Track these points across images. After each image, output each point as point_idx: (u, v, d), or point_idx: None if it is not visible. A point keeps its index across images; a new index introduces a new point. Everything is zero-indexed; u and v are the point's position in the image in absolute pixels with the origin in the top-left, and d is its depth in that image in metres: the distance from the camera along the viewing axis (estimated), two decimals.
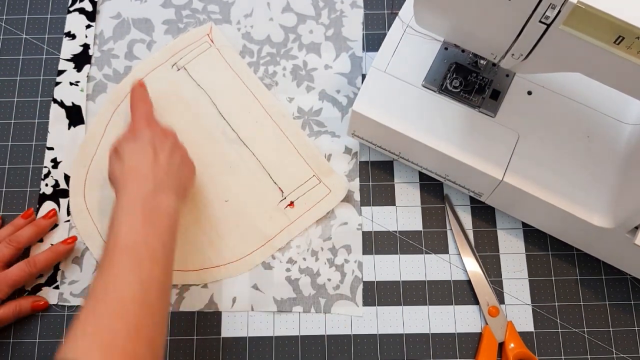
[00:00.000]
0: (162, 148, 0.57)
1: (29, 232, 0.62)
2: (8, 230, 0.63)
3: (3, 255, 0.60)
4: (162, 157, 0.56)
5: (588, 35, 0.42)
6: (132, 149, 0.56)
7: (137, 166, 0.54)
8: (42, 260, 0.61)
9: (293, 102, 0.69)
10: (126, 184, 0.53)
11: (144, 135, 0.57)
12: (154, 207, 0.52)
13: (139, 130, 0.58)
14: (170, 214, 0.53)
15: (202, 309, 0.62)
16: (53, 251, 0.62)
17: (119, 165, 0.55)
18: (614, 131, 0.59)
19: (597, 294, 0.63)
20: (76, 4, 0.72)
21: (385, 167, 0.67)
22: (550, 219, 0.60)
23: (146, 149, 0.56)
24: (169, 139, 0.58)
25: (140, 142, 0.56)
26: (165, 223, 0.52)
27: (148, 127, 0.58)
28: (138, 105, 0.62)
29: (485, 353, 0.60)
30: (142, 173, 0.54)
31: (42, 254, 0.61)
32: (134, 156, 0.55)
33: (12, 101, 0.69)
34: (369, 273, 0.64)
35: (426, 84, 0.61)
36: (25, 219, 0.64)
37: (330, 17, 0.72)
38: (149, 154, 0.55)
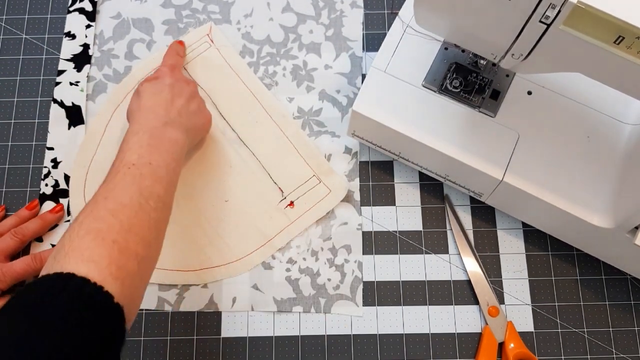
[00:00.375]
0: (180, 94, 0.60)
1: (35, 225, 0.62)
2: (12, 221, 0.63)
3: (8, 246, 0.60)
4: (178, 101, 0.59)
5: (588, 35, 0.42)
6: (152, 89, 0.59)
7: (153, 105, 0.58)
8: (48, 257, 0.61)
9: (293, 102, 0.69)
10: (139, 117, 0.56)
11: (165, 80, 0.60)
12: (161, 136, 0.55)
13: (162, 75, 0.61)
14: (177, 144, 0.56)
15: (202, 309, 0.62)
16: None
17: (136, 102, 0.59)
18: (614, 131, 0.59)
19: (597, 294, 0.63)
20: (76, 4, 0.72)
21: (385, 167, 0.67)
22: (550, 219, 0.60)
23: (164, 91, 0.59)
24: (189, 87, 0.62)
25: (160, 85, 0.60)
26: (171, 150, 0.55)
27: (170, 74, 0.62)
28: (171, 55, 0.67)
29: (485, 353, 0.60)
30: (155, 110, 0.57)
31: (49, 251, 0.61)
32: (152, 96, 0.58)
33: (12, 101, 0.69)
34: (369, 273, 0.64)
35: (426, 84, 0.61)
36: (30, 211, 0.64)
37: (330, 17, 0.72)
38: (167, 95, 0.59)
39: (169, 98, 0.59)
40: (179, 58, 0.67)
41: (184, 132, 0.58)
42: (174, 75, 0.62)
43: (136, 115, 0.57)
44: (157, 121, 0.56)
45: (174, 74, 0.62)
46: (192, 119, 0.60)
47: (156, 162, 0.52)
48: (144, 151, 0.52)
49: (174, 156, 0.55)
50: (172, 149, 0.55)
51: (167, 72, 0.62)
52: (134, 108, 0.58)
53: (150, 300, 0.63)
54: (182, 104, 0.60)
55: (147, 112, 0.57)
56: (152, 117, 0.56)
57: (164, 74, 0.62)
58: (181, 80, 0.62)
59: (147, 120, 0.56)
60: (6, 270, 0.59)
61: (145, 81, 0.61)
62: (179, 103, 0.59)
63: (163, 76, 0.61)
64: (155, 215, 0.49)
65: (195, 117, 0.61)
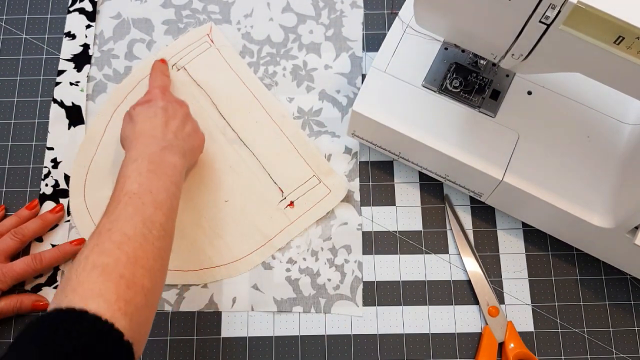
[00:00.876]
0: (175, 116, 0.60)
1: (35, 226, 0.62)
2: (12, 221, 0.63)
3: (8, 247, 0.60)
4: (173, 123, 0.59)
5: (588, 35, 0.42)
6: (145, 113, 0.58)
7: (148, 129, 0.57)
8: (48, 258, 0.61)
9: (293, 102, 0.69)
10: (136, 143, 0.56)
11: (157, 102, 0.60)
12: (160, 161, 0.54)
13: (154, 98, 0.61)
14: (176, 168, 0.55)
15: (202, 309, 0.62)
16: (60, 250, 0.62)
17: (130, 127, 0.58)
18: (614, 131, 0.59)
19: (597, 294, 0.63)
20: (76, 4, 0.72)
21: (385, 167, 0.67)
22: (550, 219, 0.60)
23: (158, 114, 0.58)
24: (182, 109, 0.61)
25: (153, 108, 0.59)
26: (170, 175, 0.54)
27: (162, 96, 0.61)
28: (157, 76, 0.66)
29: (485, 353, 0.60)
30: (152, 134, 0.57)
31: (49, 251, 0.61)
32: (146, 120, 0.58)
33: (12, 101, 0.69)
34: (369, 273, 0.64)
35: (426, 84, 0.61)
36: (30, 211, 0.64)
37: (330, 17, 0.72)
38: (161, 118, 0.58)
39: (163, 121, 0.58)
40: (165, 78, 0.67)
41: (181, 155, 0.57)
42: (165, 97, 0.61)
43: (132, 141, 0.56)
44: (155, 146, 0.55)
45: (166, 95, 0.62)
46: (188, 140, 0.60)
47: (157, 189, 0.52)
48: (144, 179, 0.52)
49: (174, 180, 0.54)
50: (172, 173, 0.54)
51: (158, 95, 0.61)
52: (128, 133, 0.57)
53: None
54: (178, 126, 0.59)
55: (144, 137, 0.56)
56: (149, 142, 0.55)
57: (155, 96, 0.61)
58: (174, 101, 0.61)
59: (145, 146, 0.55)
60: (6, 271, 0.59)
61: (137, 105, 0.60)
62: (174, 125, 0.59)
63: (155, 99, 0.60)
64: (159, 244, 0.49)
65: (191, 139, 0.60)
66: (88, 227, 0.64)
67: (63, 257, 0.62)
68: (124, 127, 0.60)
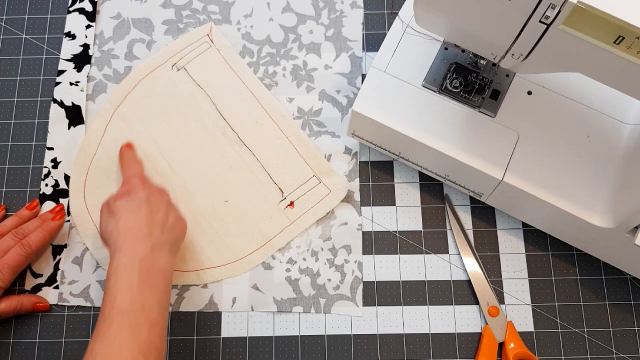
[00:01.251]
0: (158, 207, 0.57)
1: (35, 226, 0.62)
2: (13, 222, 0.63)
3: (9, 247, 0.60)
4: (157, 216, 0.56)
5: (588, 35, 0.42)
6: (128, 207, 0.55)
7: (134, 225, 0.54)
8: (36, 241, 0.60)
9: (293, 102, 0.69)
10: (123, 244, 0.53)
11: (139, 193, 0.57)
12: (150, 267, 0.52)
13: (134, 189, 0.57)
14: (166, 272, 0.53)
15: (202, 309, 0.62)
16: (45, 229, 0.62)
17: (112, 223, 0.55)
18: (614, 131, 0.59)
19: (597, 294, 0.63)
20: (76, 4, 0.72)
21: (385, 167, 0.67)
22: (550, 219, 0.60)
23: (142, 208, 0.55)
24: (164, 198, 0.58)
25: (136, 201, 0.56)
26: (162, 282, 0.53)
27: (143, 186, 0.58)
28: (130, 165, 0.62)
29: (485, 353, 0.60)
30: (138, 232, 0.54)
31: (35, 234, 0.61)
32: (130, 214, 0.55)
33: (12, 101, 0.69)
34: (369, 273, 0.64)
35: (426, 84, 0.61)
36: (30, 211, 0.64)
37: (330, 17, 0.72)
38: (145, 213, 0.55)
39: (148, 214, 0.55)
40: (139, 163, 0.63)
41: (169, 252, 0.55)
42: (146, 187, 0.58)
43: (118, 240, 0.53)
44: (144, 247, 0.53)
45: (146, 185, 0.58)
46: (174, 232, 0.57)
47: (149, 304, 0.50)
48: (135, 293, 0.50)
49: (165, 289, 0.53)
50: (163, 281, 0.53)
51: (138, 184, 0.58)
52: (111, 229, 0.54)
53: None
54: (162, 218, 0.56)
55: (131, 237, 0.53)
56: (137, 242, 0.53)
57: (135, 186, 0.57)
58: (154, 190, 0.58)
59: (133, 250, 0.52)
60: (1, 266, 0.58)
61: (117, 198, 0.57)
62: (158, 218, 0.56)
63: (135, 189, 0.57)
64: None
65: (175, 230, 0.57)
66: (88, 227, 0.65)
67: (50, 236, 0.62)
68: (105, 221, 0.56)
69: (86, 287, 0.63)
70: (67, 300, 0.62)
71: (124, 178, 0.61)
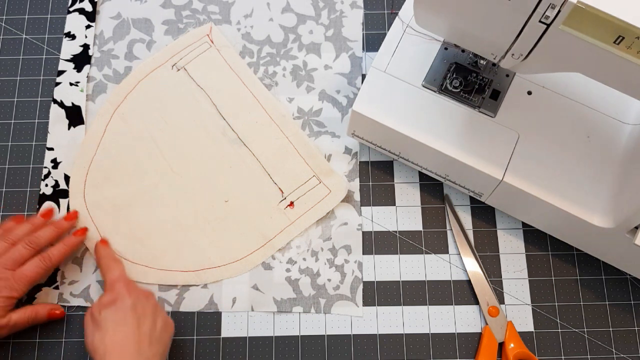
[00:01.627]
0: (145, 315, 0.55)
1: (49, 234, 0.61)
2: (26, 229, 0.61)
3: (22, 256, 0.59)
4: (145, 326, 0.54)
5: (588, 35, 0.42)
6: (114, 318, 0.54)
7: (121, 341, 0.52)
8: (57, 254, 0.60)
9: (293, 102, 0.69)
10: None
11: (125, 302, 0.55)
12: None
13: (120, 297, 0.55)
14: None
15: (202, 309, 0.62)
16: (66, 244, 0.61)
17: (98, 337, 0.53)
18: (614, 131, 0.59)
19: (597, 294, 0.63)
20: (76, 4, 0.72)
21: (385, 167, 0.67)
22: (550, 219, 0.60)
23: (129, 319, 0.54)
24: (150, 302, 0.56)
25: (122, 310, 0.54)
26: None
27: (128, 292, 0.56)
28: (110, 265, 0.60)
29: (485, 353, 0.60)
30: (128, 349, 0.52)
31: (56, 247, 0.60)
32: (117, 328, 0.53)
33: (12, 101, 0.69)
34: (369, 273, 0.64)
35: (426, 84, 0.61)
36: (44, 219, 0.63)
37: (330, 17, 0.72)
38: (132, 324, 0.53)
39: (135, 327, 0.53)
40: (119, 262, 0.61)
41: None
42: (131, 292, 0.56)
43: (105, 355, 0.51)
44: None
45: (130, 289, 0.56)
46: (162, 340, 0.55)
47: None
48: None
49: None
50: None
51: (123, 291, 0.56)
52: (97, 345, 0.52)
53: None
54: (150, 327, 0.54)
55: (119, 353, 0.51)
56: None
57: (120, 293, 0.55)
58: (140, 295, 0.56)
59: None
60: (18, 277, 0.57)
61: (102, 307, 0.54)
62: (146, 328, 0.54)
63: (121, 297, 0.55)
64: None
65: (164, 335, 0.55)
66: (88, 227, 0.64)
67: (71, 250, 0.62)
68: (90, 333, 0.54)
69: (86, 287, 0.63)
70: (67, 301, 0.62)
71: (106, 283, 0.58)
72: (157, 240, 0.64)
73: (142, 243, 0.64)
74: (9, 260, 0.58)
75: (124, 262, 0.63)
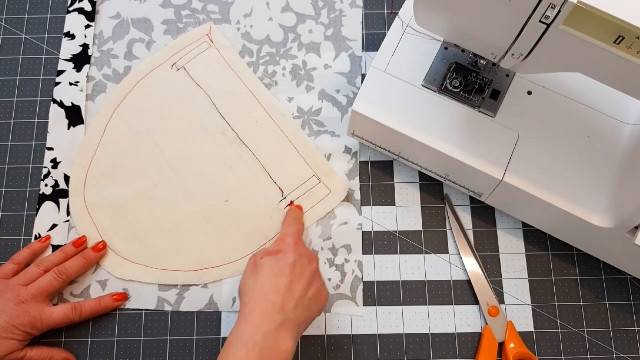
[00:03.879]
0: (302, 275, 0.54)
1: (78, 265, 0.61)
2: (58, 257, 0.62)
3: (52, 286, 0.59)
4: (298, 287, 0.54)
5: (588, 35, 0.42)
6: (272, 268, 0.54)
7: (271, 290, 0.52)
8: (88, 311, 0.60)
9: (293, 102, 0.69)
10: (253, 310, 0.51)
11: (287, 256, 0.55)
12: (271, 349, 0.50)
13: (285, 250, 0.56)
14: (287, 357, 0.50)
15: (202, 309, 0.62)
16: (101, 304, 0.61)
17: (252, 280, 0.54)
18: (614, 131, 0.59)
19: (597, 294, 0.63)
20: (76, 4, 0.72)
21: (385, 167, 0.67)
22: (550, 219, 0.60)
23: (285, 273, 0.53)
24: (311, 266, 0.56)
25: (282, 263, 0.54)
26: None
27: (294, 249, 0.56)
28: (291, 223, 0.62)
29: (485, 353, 0.60)
30: (272, 302, 0.52)
31: (89, 304, 0.61)
32: (272, 277, 0.53)
33: (12, 101, 0.69)
34: (369, 273, 0.64)
35: (426, 84, 0.61)
36: (76, 248, 0.63)
37: (330, 17, 0.72)
38: (287, 279, 0.53)
39: (288, 282, 0.53)
40: (300, 225, 0.63)
41: (295, 335, 0.52)
42: (297, 250, 0.56)
43: (250, 303, 0.52)
44: (271, 323, 0.50)
45: (298, 248, 0.56)
46: (309, 307, 0.54)
47: None
48: None
49: None
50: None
51: (291, 246, 0.56)
52: (249, 286, 0.53)
53: (150, 300, 0.63)
54: (302, 289, 0.53)
55: (263, 303, 0.51)
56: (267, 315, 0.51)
57: (287, 247, 0.56)
58: (304, 256, 0.56)
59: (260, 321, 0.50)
60: (45, 318, 0.58)
61: (266, 254, 0.55)
62: (298, 290, 0.53)
63: (286, 251, 0.55)
64: None
65: (312, 305, 0.54)
66: (88, 227, 0.64)
67: (103, 310, 0.61)
68: (247, 274, 0.55)
69: (86, 287, 0.63)
70: (67, 301, 0.62)
71: (281, 234, 0.60)
72: (157, 240, 0.64)
73: (142, 243, 0.64)
74: (38, 290, 0.59)
75: (124, 262, 0.63)
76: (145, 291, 0.63)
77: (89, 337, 0.62)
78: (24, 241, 0.65)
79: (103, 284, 0.63)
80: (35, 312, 0.57)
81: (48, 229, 0.65)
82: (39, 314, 0.58)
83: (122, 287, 0.63)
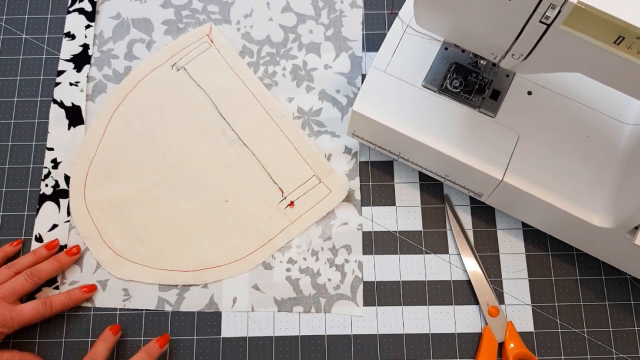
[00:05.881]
0: None
1: (50, 267, 0.61)
2: (29, 260, 0.61)
3: (22, 287, 0.59)
4: None
5: (588, 35, 0.42)
6: None
7: None
8: (59, 304, 0.60)
9: (293, 102, 0.69)
10: None
11: None
12: None
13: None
14: None
15: (202, 309, 0.62)
16: (70, 296, 0.61)
17: None
18: (614, 131, 0.59)
19: (597, 294, 0.63)
20: (76, 4, 0.72)
21: (385, 167, 0.67)
22: (550, 219, 0.60)
23: None
24: None
25: None
26: None
27: None
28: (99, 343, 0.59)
29: (485, 353, 0.60)
30: None
31: (59, 297, 0.60)
32: None
33: (12, 101, 0.69)
34: (369, 273, 0.64)
35: (426, 84, 0.61)
36: (48, 251, 0.63)
37: (330, 17, 0.72)
38: None
39: None
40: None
41: None
42: None
43: None
44: None
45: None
46: None
47: None
48: None
49: None
50: None
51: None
52: None
53: (150, 300, 0.63)
54: None
55: None
56: None
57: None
58: None
59: None
60: (14, 315, 0.57)
61: None
62: None
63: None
64: None
65: None
66: (88, 227, 0.65)
67: (73, 303, 0.61)
68: None
69: None
70: None
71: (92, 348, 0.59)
72: (157, 240, 0.64)
73: (142, 243, 0.64)
74: (9, 291, 0.58)
75: (124, 262, 0.63)
76: (145, 291, 0.63)
77: (89, 337, 0.62)
78: (24, 241, 0.65)
79: (103, 284, 0.63)
80: (3, 311, 0.57)
81: (48, 229, 0.65)
82: (8, 312, 0.57)
83: (122, 287, 0.63)
